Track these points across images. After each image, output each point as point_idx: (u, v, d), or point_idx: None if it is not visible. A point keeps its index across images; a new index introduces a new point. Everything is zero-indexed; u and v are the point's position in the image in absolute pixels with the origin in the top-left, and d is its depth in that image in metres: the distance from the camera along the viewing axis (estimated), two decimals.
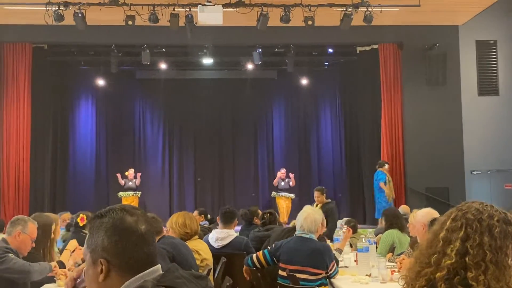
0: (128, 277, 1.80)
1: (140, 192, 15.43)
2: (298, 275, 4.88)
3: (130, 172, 15.47)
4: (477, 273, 1.85)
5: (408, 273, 2.02)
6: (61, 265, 5.10)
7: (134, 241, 1.83)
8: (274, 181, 15.70)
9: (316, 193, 10.38)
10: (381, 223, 6.95)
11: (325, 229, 5.67)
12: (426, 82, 14.10)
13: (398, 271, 4.70)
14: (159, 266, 1.87)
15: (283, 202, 15.25)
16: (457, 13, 13.49)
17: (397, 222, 6.73)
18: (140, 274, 1.81)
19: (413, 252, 4.01)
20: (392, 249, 6.35)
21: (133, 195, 15.23)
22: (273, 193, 15.64)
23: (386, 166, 13.44)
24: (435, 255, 1.94)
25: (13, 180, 13.56)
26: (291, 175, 15.56)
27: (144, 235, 1.86)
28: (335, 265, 5.09)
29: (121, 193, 15.19)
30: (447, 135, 13.99)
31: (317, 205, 10.05)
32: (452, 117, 14.11)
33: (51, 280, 4.95)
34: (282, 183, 15.53)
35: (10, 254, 4.62)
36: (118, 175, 15.45)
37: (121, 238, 1.82)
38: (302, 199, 14.91)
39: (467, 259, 1.88)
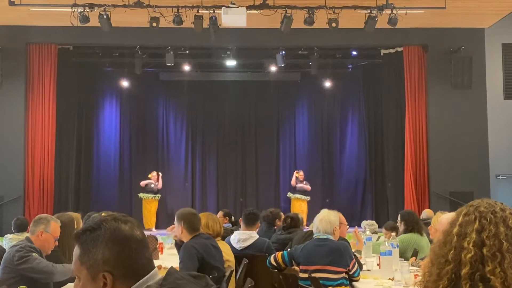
0: (132, 283, 1.77)
1: (159, 195, 15.49)
2: (319, 275, 4.87)
3: (153, 175, 15.55)
4: (493, 266, 1.85)
5: (426, 278, 2.00)
6: None
7: (135, 248, 1.80)
8: (292, 182, 15.69)
9: None
10: (400, 226, 6.91)
11: (346, 231, 5.65)
12: (452, 85, 13.96)
13: None
14: (156, 269, 1.85)
15: (297, 204, 15.19)
16: (483, 16, 13.34)
17: (417, 226, 6.67)
18: (142, 279, 1.78)
19: None
20: (415, 253, 6.29)
21: (152, 198, 15.29)
22: (289, 194, 15.62)
23: None
24: (452, 251, 1.93)
25: (37, 179, 13.69)
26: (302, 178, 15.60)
27: (142, 240, 1.84)
28: (356, 264, 5.07)
29: (141, 194, 15.28)
30: (472, 138, 13.84)
31: None
32: (477, 121, 13.95)
33: (75, 278, 4.97)
34: (299, 185, 15.54)
35: (33, 254, 4.65)
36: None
37: (122, 248, 1.79)
38: (324, 202, 14.89)
39: (484, 250, 1.88)
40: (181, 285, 1.76)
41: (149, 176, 15.50)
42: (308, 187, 15.45)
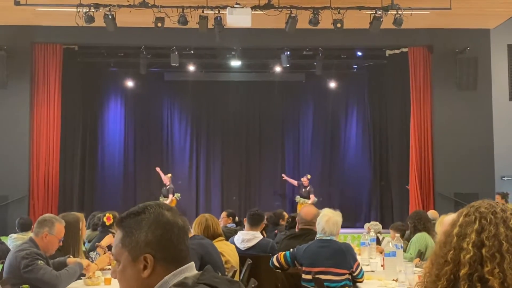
0: (172, 269, 1.83)
1: (179, 194, 15.48)
2: (322, 277, 4.85)
3: (169, 176, 15.55)
4: (492, 266, 1.84)
5: (426, 278, 2.00)
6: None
7: (177, 233, 1.88)
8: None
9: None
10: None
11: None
12: (457, 86, 13.92)
13: None
14: (193, 263, 1.90)
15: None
16: (489, 17, 13.30)
17: (427, 225, 6.68)
18: (179, 269, 1.84)
19: None
20: (419, 254, 6.28)
21: (173, 199, 15.31)
22: (297, 198, 15.63)
23: None
24: (451, 252, 1.92)
25: (42, 179, 13.70)
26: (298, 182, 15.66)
27: (183, 227, 1.92)
28: (360, 265, 5.05)
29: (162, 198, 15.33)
30: (477, 140, 13.79)
31: None
32: (482, 122, 13.91)
33: (78, 277, 4.96)
34: (303, 189, 15.51)
35: (39, 262, 4.52)
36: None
37: (165, 231, 1.86)
38: (325, 203, 14.85)
39: (483, 251, 1.87)
40: (218, 283, 1.81)
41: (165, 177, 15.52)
42: (311, 196, 15.36)
